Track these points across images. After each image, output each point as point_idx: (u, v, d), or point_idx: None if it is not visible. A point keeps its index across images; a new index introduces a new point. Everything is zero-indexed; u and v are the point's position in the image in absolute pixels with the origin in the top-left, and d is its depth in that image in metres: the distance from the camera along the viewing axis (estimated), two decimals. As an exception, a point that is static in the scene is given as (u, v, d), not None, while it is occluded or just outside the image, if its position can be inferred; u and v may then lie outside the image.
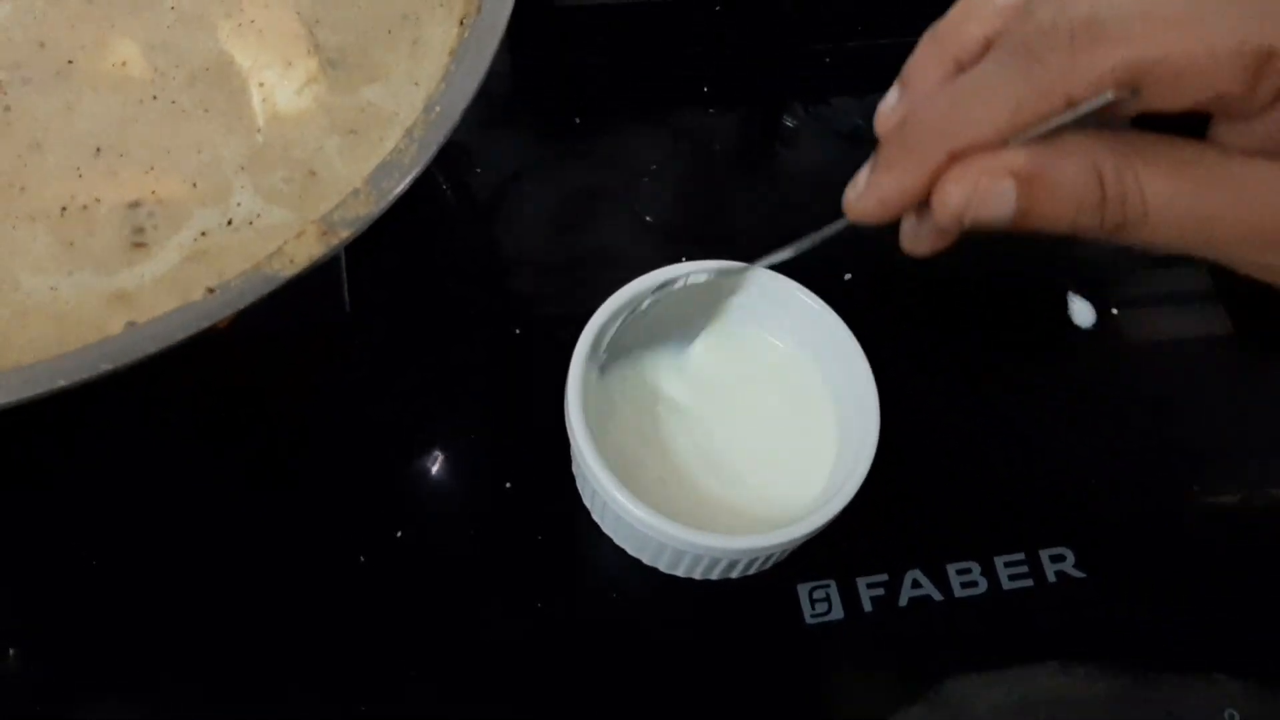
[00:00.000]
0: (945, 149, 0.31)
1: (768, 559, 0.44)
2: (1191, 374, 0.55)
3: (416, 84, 0.46)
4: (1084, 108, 0.29)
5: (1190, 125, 0.30)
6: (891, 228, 0.35)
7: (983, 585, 0.47)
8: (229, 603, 0.45)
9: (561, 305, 0.45)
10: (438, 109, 0.41)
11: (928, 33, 0.34)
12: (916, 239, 0.35)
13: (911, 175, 0.32)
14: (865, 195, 0.34)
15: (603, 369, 0.45)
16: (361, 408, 0.50)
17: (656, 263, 0.46)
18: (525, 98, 0.62)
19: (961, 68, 0.33)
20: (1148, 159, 0.30)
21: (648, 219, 0.57)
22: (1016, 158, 0.30)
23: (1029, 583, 0.48)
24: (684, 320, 0.47)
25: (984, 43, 0.32)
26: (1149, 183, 0.30)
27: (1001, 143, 0.30)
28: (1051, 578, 0.48)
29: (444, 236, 0.56)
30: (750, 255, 0.46)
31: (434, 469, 0.50)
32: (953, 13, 0.33)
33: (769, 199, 0.59)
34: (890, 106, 0.34)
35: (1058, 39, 0.29)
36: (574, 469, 0.46)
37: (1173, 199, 0.30)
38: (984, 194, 0.30)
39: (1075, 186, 0.30)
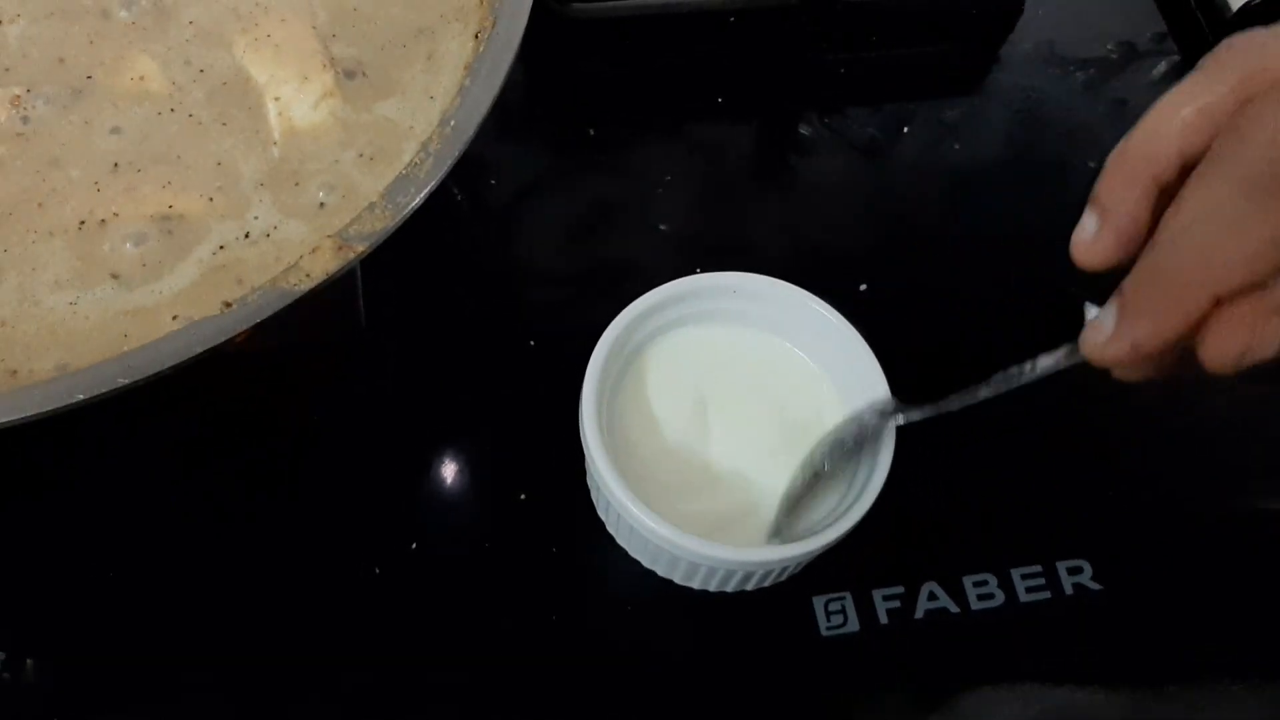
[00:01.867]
0: (1209, 294, 0.30)
1: (783, 572, 0.44)
2: (1210, 386, 0.54)
3: (432, 98, 0.46)
4: None
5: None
6: (904, 241, 0.35)
7: (999, 598, 0.47)
8: (245, 615, 0.45)
9: (577, 317, 0.45)
10: (453, 123, 0.41)
11: (1114, 155, 0.34)
12: (1138, 370, 0.34)
13: (1172, 322, 0.31)
14: (1115, 341, 0.33)
15: (618, 380, 0.45)
16: (376, 420, 0.50)
17: (672, 274, 0.46)
18: (540, 109, 0.62)
19: (1161, 187, 0.32)
20: None
21: (663, 229, 0.57)
22: None
23: (1046, 595, 0.47)
24: (698, 332, 0.47)
25: (1180, 160, 0.32)
26: None
27: (1263, 281, 0.30)
28: (1069, 590, 0.47)
29: (459, 248, 0.56)
30: (766, 267, 0.46)
31: (448, 481, 0.50)
32: (1138, 133, 0.33)
33: (784, 209, 0.59)
34: (1091, 234, 0.34)
35: None
36: (589, 481, 0.46)
37: None
38: (1260, 339, 0.30)
39: None
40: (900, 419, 0.42)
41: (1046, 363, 0.38)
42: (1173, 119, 0.32)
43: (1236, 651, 0.47)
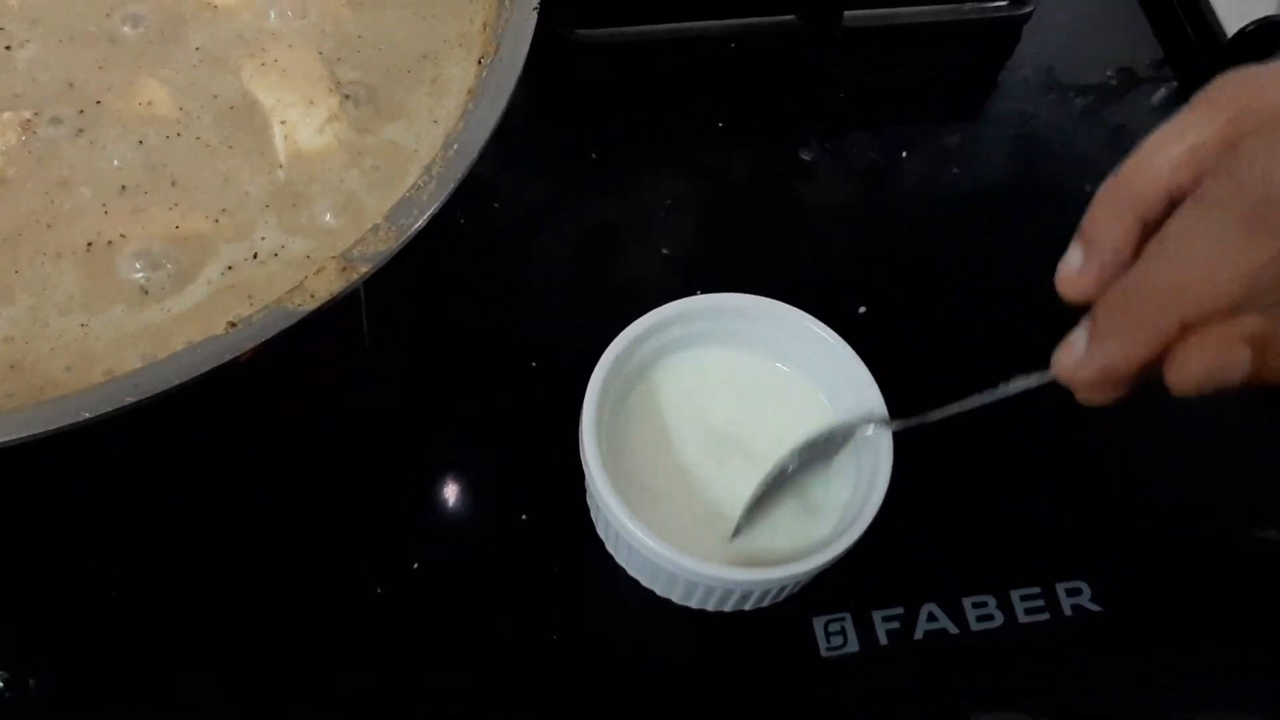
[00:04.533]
0: (1178, 320, 0.31)
1: (781, 591, 0.44)
2: (1209, 407, 0.55)
3: (436, 122, 0.47)
4: None
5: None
6: (904, 265, 0.36)
7: (999, 618, 0.47)
8: (248, 633, 0.45)
9: (578, 338, 0.46)
10: (456, 146, 0.41)
11: (1102, 190, 0.34)
12: (1105, 392, 0.35)
13: (1141, 346, 0.32)
14: (1086, 363, 0.34)
15: (618, 401, 0.46)
16: (379, 439, 0.51)
17: (673, 295, 0.46)
18: (543, 133, 0.63)
19: (1145, 223, 0.33)
20: None
21: (664, 251, 0.57)
22: (1250, 324, 0.30)
23: (1045, 616, 0.47)
24: (699, 354, 0.47)
25: (1167, 196, 0.32)
26: None
27: (1234, 309, 0.30)
28: (1068, 611, 0.48)
29: (462, 269, 0.56)
30: (766, 289, 0.46)
31: (451, 501, 0.50)
32: (1127, 169, 0.33)
33: (784, 232, 0.59)
34: (1076, 266, 0.34)
35: None
36: (588, 500, 0.46)
37: None
38: (1225, 363, 0.31)
39: None
40: (870, 429, 0.43)
41: (1021, 382, 0.38)
42: (1162, 157, 0.32)
43: (1235, 675, 0.47)
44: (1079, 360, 0.34)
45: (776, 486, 0.43)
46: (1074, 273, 0.34)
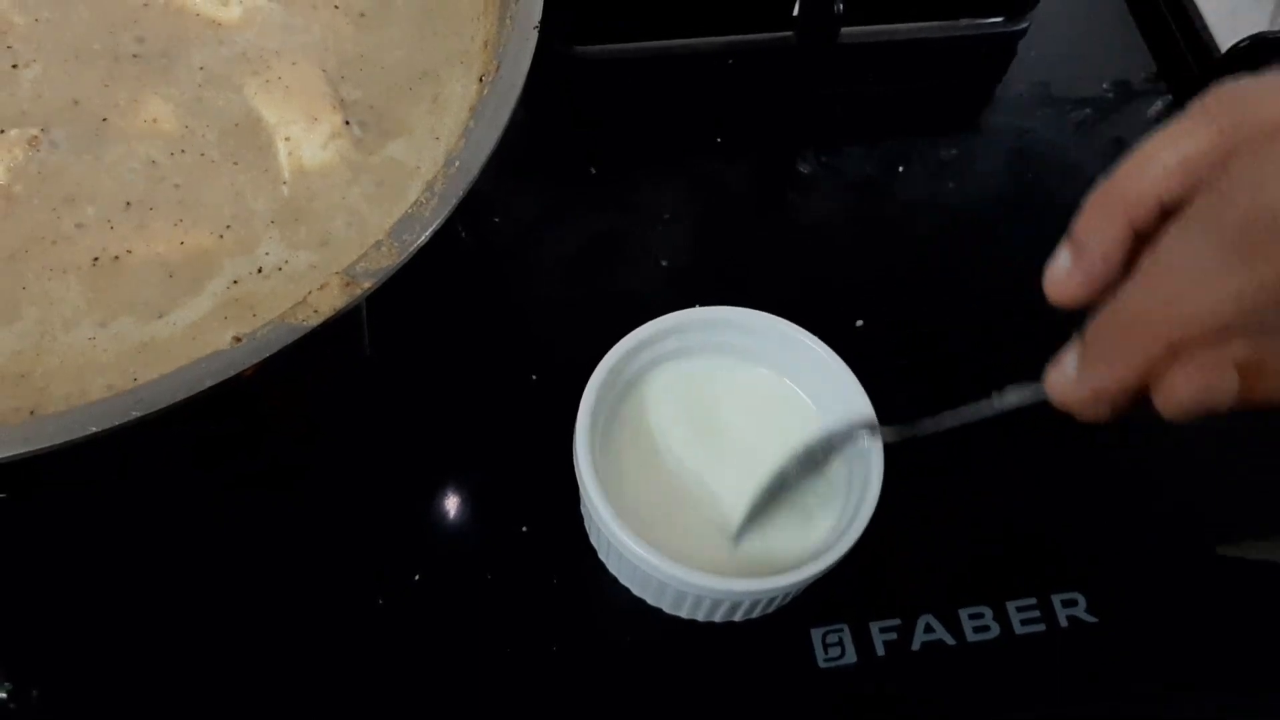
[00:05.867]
0: (1165, 343, 0.31)
1: (771, 603, 0.44)
2: (1205, 420, 0.55)
3: (437, 139, 0.47)
4: None
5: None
6: (900, 279, 0.36)
7: (995, 630, 0.48)
8: (248, 647, 0.46)
9: (578, 351, 0.46)
10: (457, 163, 0.42)
11: (1095, 194, 0.34)
12: (1099, 411, 0.34)
13: (1130, 370, 0.32)
14: (1078, 386, 0.34)
15: (612, 412, 0.46)
16: (380, 452, 0.51)
17: (672, 308, 0.47)
18: (543, 148, 0.63)
19: (1136, 231, 0.33)
20: None
21: (663, 265, 0.58)
22: (1239, 349, 0.31)
23: (1041, 627, 0.48)
24: (692, 366, 0.47)
25: (1158, 205, 0.32)
26: None
27: (1223, 333, 0.30)
28: (1063, 622, 0.48)
29: (463, 283, 0.57)
30: (763, 302, 0.47)
31: (452, 513, 0.50)
32: (1120, 175, 0.33)
33: (781, 246, 0.60)
34: (1064, 270, 0.34)
35: (1276, 231, 0.29)
36: (582, 509, 0.46)
37: None
38: (1212, 389, 0.31)
39: None
40: (864, 440, 0.43)
41: (1013, 398, 0.39)
42: (1153, 165, 0.32)
43: (1231, 686, 0.47)
44: (1069, 383, 0.34)
45: (775, 494, 0.44)
46: (1062, 275, 0.34)
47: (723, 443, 0.46)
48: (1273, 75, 0.32)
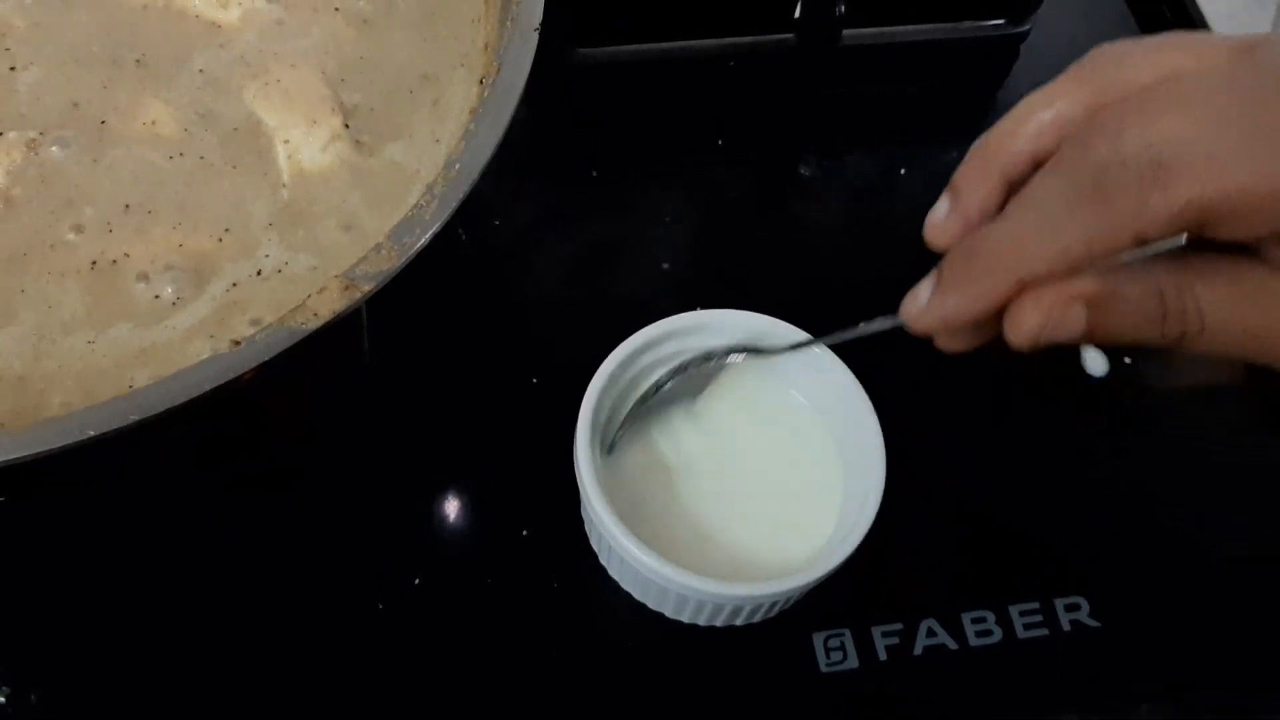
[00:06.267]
0: (1015, 278, 0.32)
1: (771, 607, 0.44)
2: (1204, 423, 0.55)
3: (438, 141, 0.47)
4: (1154, 248, 0.31)
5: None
6: (902, 282, 0.36)
7: (997, 634, 0.47)
8: (250, 650, 0.46)
9: (579, 353, 0.46)
10: (458, 166, 0.42)
11: (975, 146, 0.35)
12: (953, 340, 0.36)
13: (979, 301, 0.33)
14: (928, 312, 0.35)
15: (612, 416, 0.46)
16: (381, 454, 0.51)
17: (673, 312, 0.47)
18: (543, 151, 0.63)
19: (1009, 182, 0.34)
20: (1205, 278, 0.32)
21: (664, 268, 0.57)
22: (1086, 285, 0.31)
23: (1044, 632, 0.48)
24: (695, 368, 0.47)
25: (1031, 159, 0.33)
26: (1206, 300, 0.31)
27: (1072, 273, 0.31)
28: (1066, 627, 0.48)
29: (463, 286, 0.57)
30: (764, 305, 0.47)
31: (452, 517, 0.50)
32: (998, 129, 0.34)
33: (783, 249, 0.60)
34: (942, 216, 0.35)
35: (1126, 179, 0.30)
36: (582, 513, 0.46)
37: (1227, 315, 0.32)
38: (1058, 320, 0.32)
39: (1139, 306, 0.32)
40: (741, 357, 0.46)
41: (874, 325, 0.40)
42: (1029, 120, 0.33)
43: (1234, 690, 0.47)
44: (920, 309, 0.35)
45: (648, 402, 0.46)
46: (940, 221, 0.35)
47: (724, 445, 0.46)
48: (1152, 38, 0.33)
